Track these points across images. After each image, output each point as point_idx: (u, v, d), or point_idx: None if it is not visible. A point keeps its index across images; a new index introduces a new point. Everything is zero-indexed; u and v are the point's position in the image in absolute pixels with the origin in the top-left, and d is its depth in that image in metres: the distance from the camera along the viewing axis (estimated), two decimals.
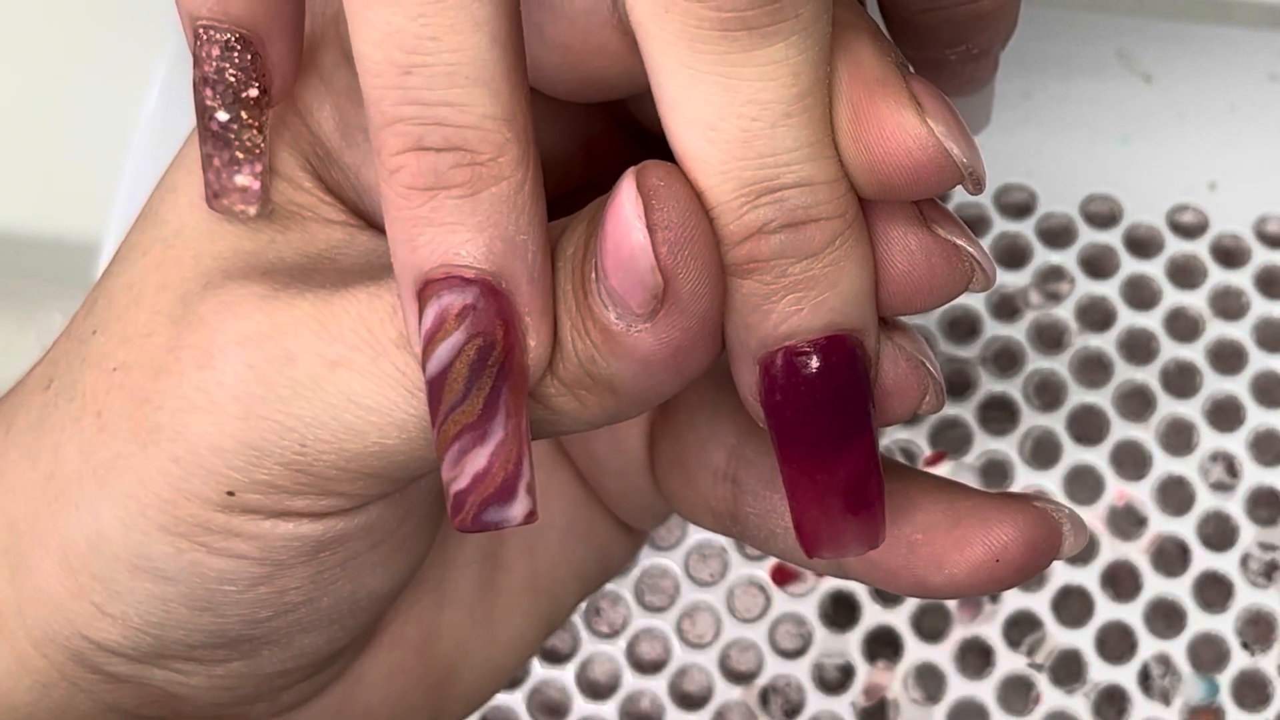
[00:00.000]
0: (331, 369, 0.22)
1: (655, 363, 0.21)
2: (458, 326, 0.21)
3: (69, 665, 0.24)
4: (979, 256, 0.22)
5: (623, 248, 0.20)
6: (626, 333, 0.21)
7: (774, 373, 0.21)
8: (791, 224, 0.21)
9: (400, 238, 0.21)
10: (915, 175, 0.21)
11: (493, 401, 0.21)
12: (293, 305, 0.22)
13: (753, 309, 0.21)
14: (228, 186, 0.23)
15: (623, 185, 0.20)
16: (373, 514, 0.23)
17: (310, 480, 0.22)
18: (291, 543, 0.23)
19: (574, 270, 0.21)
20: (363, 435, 0.22)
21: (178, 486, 0.22)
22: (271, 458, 0.22)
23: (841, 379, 0.21)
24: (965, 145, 0.21)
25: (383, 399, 0.22)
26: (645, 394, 0.22)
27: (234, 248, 0.23)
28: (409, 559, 0.25)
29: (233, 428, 0.22)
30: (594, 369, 0.21)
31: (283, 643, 0.24)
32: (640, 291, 0.21)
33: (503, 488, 0.21)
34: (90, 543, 0.23)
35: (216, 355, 0.22)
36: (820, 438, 0.22)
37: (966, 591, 0.24)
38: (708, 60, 0.20)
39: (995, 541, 0.23)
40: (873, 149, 0.21)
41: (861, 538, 0.23)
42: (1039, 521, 0.24)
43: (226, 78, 0.22)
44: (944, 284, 0.22)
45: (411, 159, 0.20)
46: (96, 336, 0.24)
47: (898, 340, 0.23)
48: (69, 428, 0.23)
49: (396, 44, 0.20)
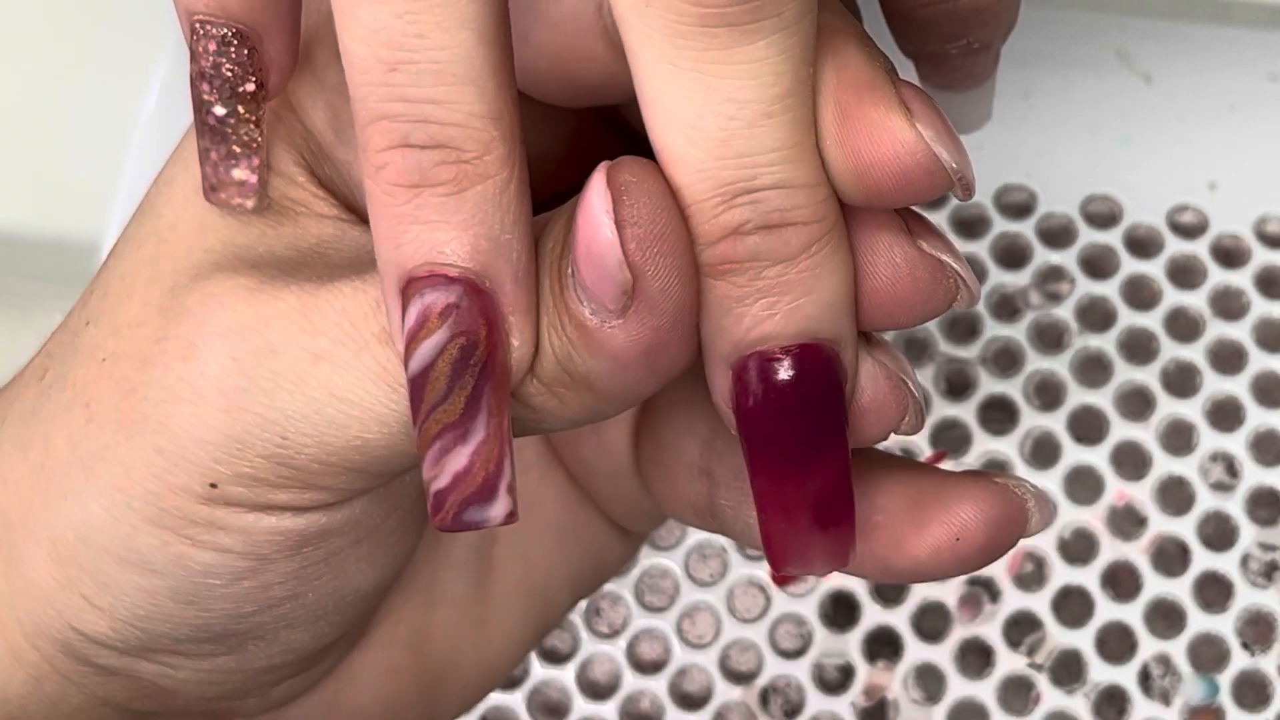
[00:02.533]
0: (314, 362, 0.22)
1: (628, 360, 0.21)
2: (440, 325, 0.21)
3: (60, 658, 0.24)
4: (963, 274, 0.22)
5: (593, 244, 0.20)
6: (600, 329, 0.21)
7: (745, 378, 0.21)
8: (767, 226, 0.20)
9: (384, 234, 0.21)
10: (904, 181, 0.21)
11: (474, 401, 0.21)
12: (278, 298, 0.22)
13: (725, 311, 0.21)
14: (225, 180, 0.23)
15: (593, 181, 0.20)
16: (355, 509, 0.23)
17: (292, 473, 0.22)
18: (274, 537, 0.23)
19: (552, 265, 0.21)
20: (344, 429, 0.22)
21: (162, 478, 0.22)
22: (254, 450, 0.22)
23: (813, 388, 0.21)
24: (955, 150, 0.21)
25: (364, 393, 0.22)
26: (622, 392, 0.22)
27: (225, 241, 0.23)
28: (394, 555, 0.25)
29: (215, 419, 0.22)
30: (571, 366, 0.21)
31: (269, 638, 0.24)
32: (610, 287, 0.20)
33: (483, 487, 0.21)
34: (79, 534, 0.23)
35: (201, 346, 0.22)
36: (790, 448, 0.21)
37: (933, 572, 0.23)
38: (687, 56, 0.20)
39: (954, 520, 0.23)
40: (860, 154, 0.21)
41: (829, 555, 0.22)
42: (999, 499, 0.23)
43: (223, 72, 0.22)
44: (927, 300, 0.22)
45: (396, 156, 0.20)
46: (89, 328, 0.24)
47: (878, 356, 0.22)
48: (59, 418, 0.23)
49: (383, 41, 0.20)
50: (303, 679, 0.26)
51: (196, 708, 0.25)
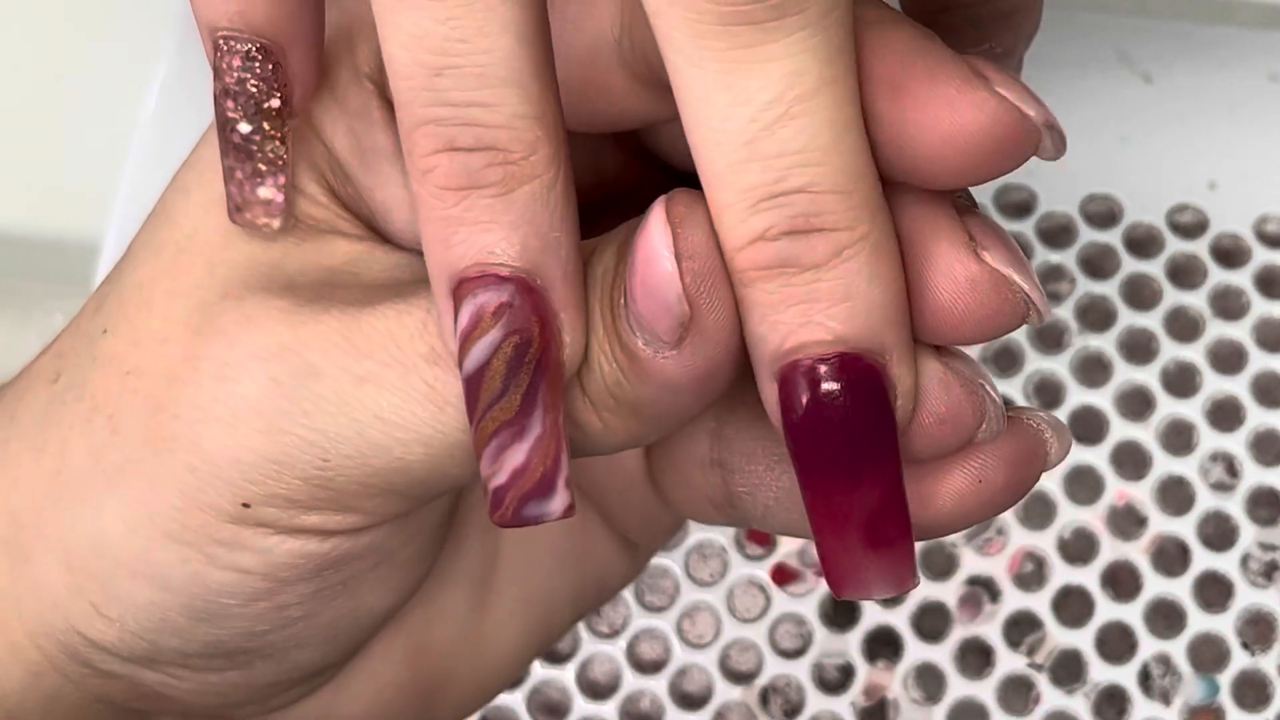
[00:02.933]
0: (359, 385, 0.22)
1: (680, 387, 0.21)
2: (494, 324, 0.21)
3: (61, 658, 0.24)
4: (1031, 290, 0.21)
5: (651, 276, 0.20)
6: (653, 359, 0.21)
7: (787, 390, 0.21)
8: (793, 231, 0.20)
9: (434, 238, 0.21)
10: (992, 147, 0.20)
11: (530, 397, 0.21)
12: (318, 320, 0.22)
13: (759, 320, 0.21)
14: (250, 200, 0.23)
15: (653, 214, 0.20)
16: (379, 535, 0.23)
17: (329, 495, 0.22)
18: (296, 560, 0.23)
19: (603, 294, 0.21)
20: (387, 451, 0.22)
21: (191, 496, 0.22)
22: (293, 472, 0.22)
23: (854, 400, 0.21)
24: (1039, 108, 0.20)
25: (410, 415, 0.22)
26: (667, 417, 0.22)
27: (249, 256, 0.23)
28: (410, 579, 0.25)
29: (253, 441, 0.22)
30: (619, 392, 0.21)
31: (278, 657, 0.24)
32: (667, 319, 0.20)
33: (541, 482, 0.21)
34: (93, 543, 0.23)
35: (236, 367, 0.22)
36: (832, 461, 0.21)
37: (959, 522, 0.23)
38: (709, 55, 0.20)
39: (974, 464, 0.23)
40: (939, 124, 0.20)
41: (886, 577, 0.22)
42: (1016, 434, 0.23)
43: (248, 89, 0.22)
44: (993, 318, 0.21)
45: (444, 159, 0.20)
46: (107, 336, 0.24)
47: (950, 363, 0.22)
48: (78, 426, 0.23)
49: (426, 47, 0.20)
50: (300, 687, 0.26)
51: (193, 711, 0.25)
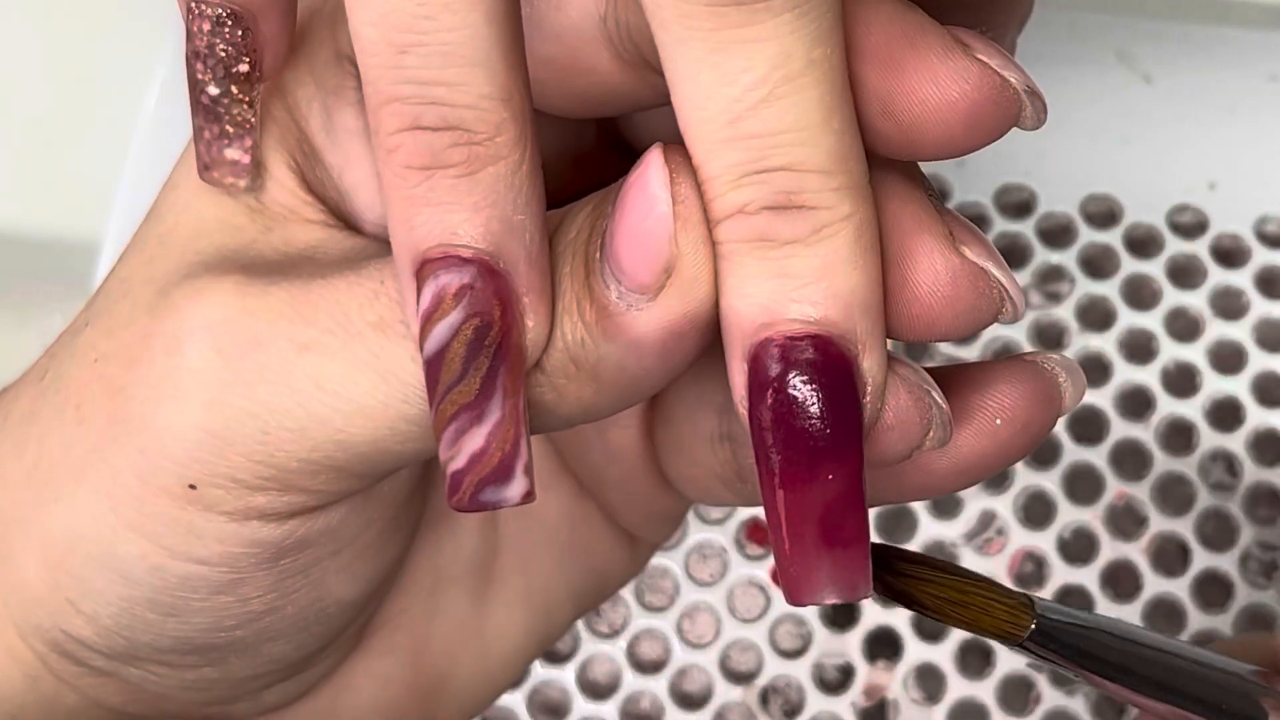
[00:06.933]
0: (300, 353, 0.22)
1: (646, 346, 0.21)
2: (455, 306, 0.21)
3: (53, 657, 0.24)
4: (1009, 286, 0.21)
5: (646, 219, 0.20)
6: (624, 312, 0.21)
7: (757, 367, 0.21)
8: (773, 206, 0.20)
9: (398, 217, 0.21)
10: (974, 112, 0.20)
11: (490, 381, 0.21)
12: (266, 292, 0.22)
13: (734, 292, 0.20)
14: (218, 159, 0.23)
15: (649, 157, 0.20)
16: (333, 517, 0.23)
17: (272, 473, 0.22)
18: (251, 549, 0.23)
19: (575, 253, 0.21)
20: (326, 422, 0.22)
21: (144, 479, 0.22)
22: (234, 447, 0.22)
23: (822, 385, 0.20)
24: (1019, 74, 0.20)
25: (351, 384, 0.22)
26: (627, 385, 0.22)
27: (217, 245, 0.23)
28: (376, 566, 0.25)
29: (196, 415, 0.22)
30: (581, 353, 0.21)
31: (250, 651, 0.24)
32: (651, 262, 0.20)
33: (500, 468, 0.21)
34: (67, 538, 0.23)
35: (185, 340, 0.22)
36: (790, 446, 0.20)
37: (977, 468, 0.23)
38: (697, 35, 0.20)
39: (992, 403, 0.22)
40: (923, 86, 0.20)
41: (839, 581, 0.21)
42: (1032, 374, 0.23)
43: (217, 52, 0.23)
44: (969, 312, 0.21)
45: (408, 138, 0.20)
46: (87, 329, 0.24)
47: (896, 369, 0.21)
48: (53, 419, 0.23)
49: (393, 23, 0.20)
50: (296, 684, 0.26)
51: (189, 711, 0.25)
